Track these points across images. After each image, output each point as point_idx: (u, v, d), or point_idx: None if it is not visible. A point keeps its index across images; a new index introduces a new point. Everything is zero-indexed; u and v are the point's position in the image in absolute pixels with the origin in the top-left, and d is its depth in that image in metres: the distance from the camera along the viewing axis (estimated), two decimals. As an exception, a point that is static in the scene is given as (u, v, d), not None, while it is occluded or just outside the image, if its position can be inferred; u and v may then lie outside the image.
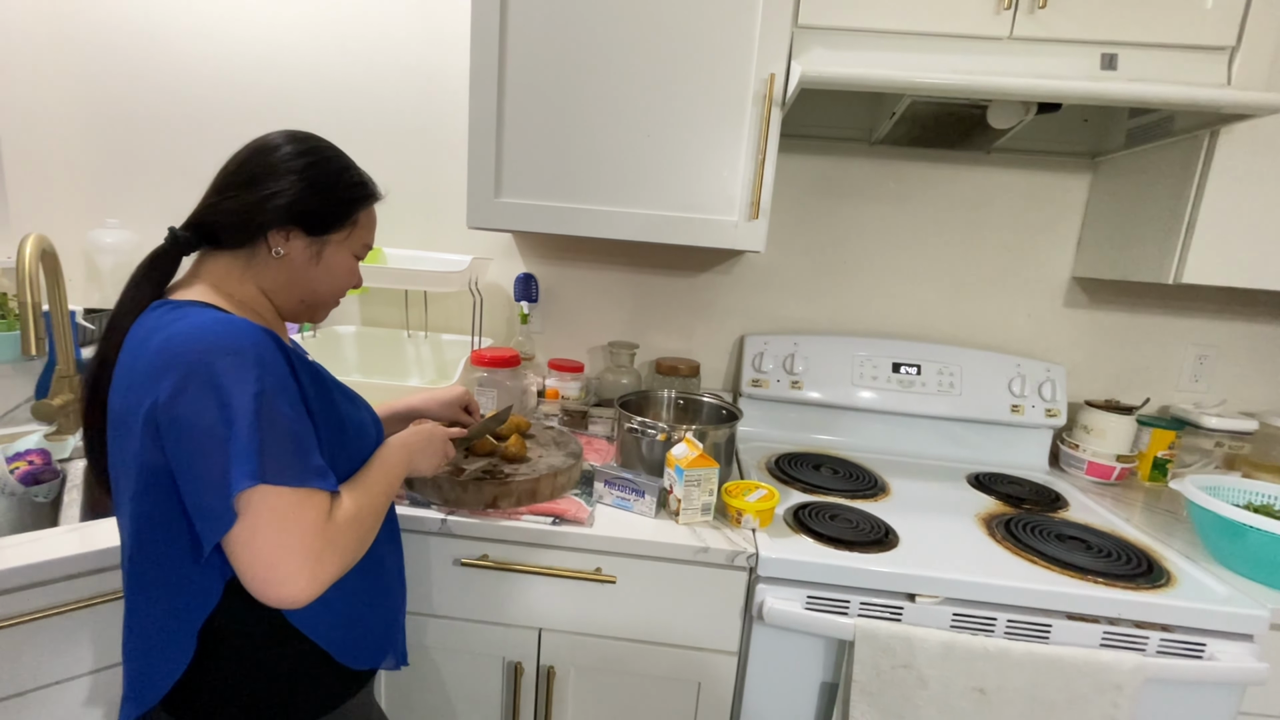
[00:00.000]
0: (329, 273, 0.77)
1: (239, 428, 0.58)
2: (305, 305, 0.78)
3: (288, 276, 0.75)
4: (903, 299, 1.57)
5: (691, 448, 1.03)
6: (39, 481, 1.08)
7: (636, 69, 1.14)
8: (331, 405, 0.73)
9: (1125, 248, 1.33)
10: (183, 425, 0.59)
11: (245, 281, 0.74)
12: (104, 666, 0.88)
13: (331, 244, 0.76)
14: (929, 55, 1.11)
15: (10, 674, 0.81)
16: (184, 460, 0.59)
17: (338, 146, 0.77)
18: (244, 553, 0.59)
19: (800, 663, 0.98)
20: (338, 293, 0.81)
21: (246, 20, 1.51)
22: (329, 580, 0.61)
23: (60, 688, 0.85)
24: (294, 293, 0.76)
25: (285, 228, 0.72)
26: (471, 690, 1.09)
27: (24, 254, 1.00)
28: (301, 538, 0.60)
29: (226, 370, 0.59)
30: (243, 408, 0.59)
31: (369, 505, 0.70)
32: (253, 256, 0.73)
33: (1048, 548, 1.02)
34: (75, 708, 0.86)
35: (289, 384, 0.64)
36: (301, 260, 0.74)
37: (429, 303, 1.61)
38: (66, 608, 0.82)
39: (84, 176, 1.58)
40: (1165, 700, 0.92)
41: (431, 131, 1.54)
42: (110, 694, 0.88)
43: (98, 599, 0.85)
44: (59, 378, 1.19)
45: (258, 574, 0.58)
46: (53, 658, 0.84)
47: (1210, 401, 1.51)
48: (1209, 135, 1.14)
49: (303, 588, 0.59)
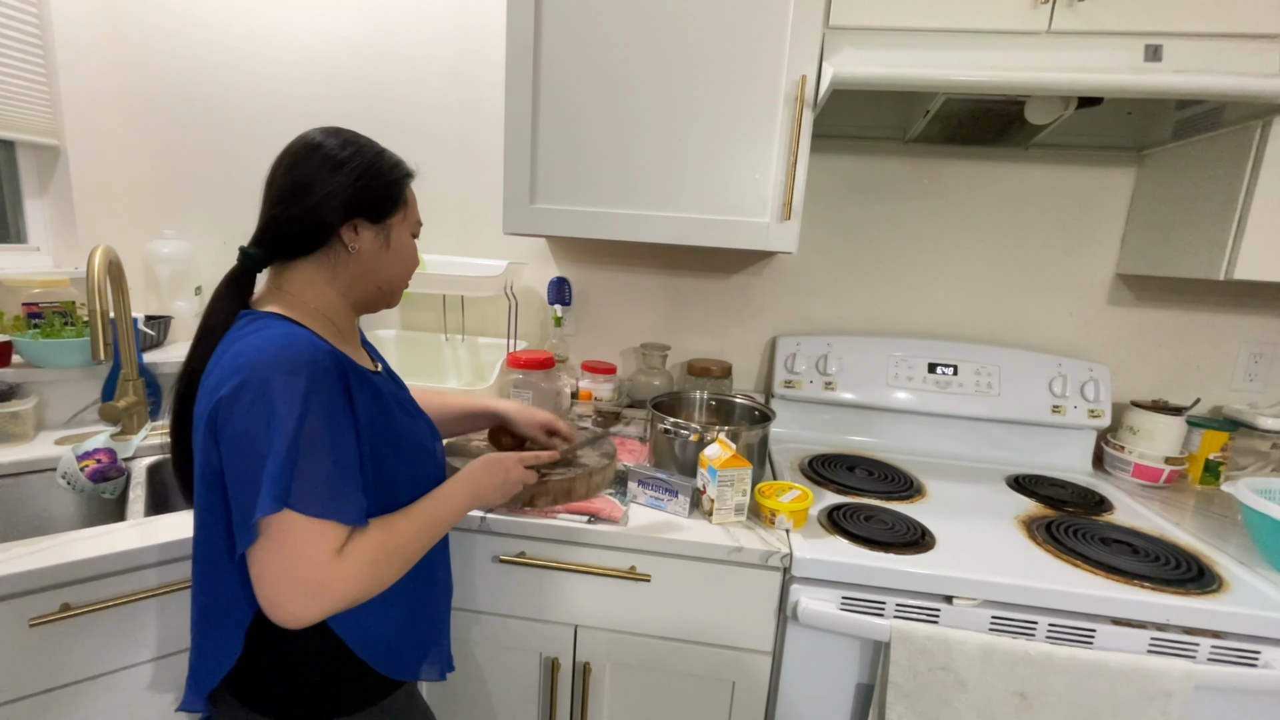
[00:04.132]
0: (399, 255, 0.79)
1: (278, 446, 0.61)
2: (382, 293, 0.81)
3: (364, 268, 0.77)
4: (938, 299, 1.54)
5: (724, 448, 1.04)
6: (106, 479, 1.14)
7: (668, 73, 1.15)
8: (389, 422, 0.75)
9: (1173, 243, 1.29)
10: (233, 431, 0.62)
11: (329, 284, 0.76)
12: (168, 653, 0.92)
13: (394, 227, 0.78)
14: (963, 52, 1.09)
15: (82, 659, 0.86)
16: (230, 466, 0.63)
17: (364, 134, 0.78)
18: (255, 570, 0.62)
19: (835, 663, 0.98)
20: (408, 275, 0.83)
21: (288, 38, 1.57)
22: (330, 610, 0.63)
23: (128, 672, 0.90)
24: (371, 282, 0.78)
25: (351, 222, 0.74)
26: (510, 685, 1.11)
27: (93, 265, 1.06)
28: (304, 569, 0.61)
29: (279, 387, 0.62)
30: (285, 427, 0.61)
31: (405, 538, 0.71)
32: (331, 258, 0.75)
33: (1091, 551, 1.00)
34: (140, 691, 0.91)
35: (337, 409, 0.66)
36: (373, 250, 0.76)
37: (466, 307, 1.65)
38: (132, 597, 0.87)
39: (143, 190, 1.66)
40: (1217, 709, 0.89)
41: (469, 139, 1.58)
42: (176, 679, 0.93)
43: (161, 590, 0.89)
44: (123, 381, 1.26)
45: (261, 593, 0.62)
46: (120, 644, 0.89)
47: (1266, 402, 1.44)
48: (1260, 126, 1.10)
49: (297, 615, 0.61)
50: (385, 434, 0.73)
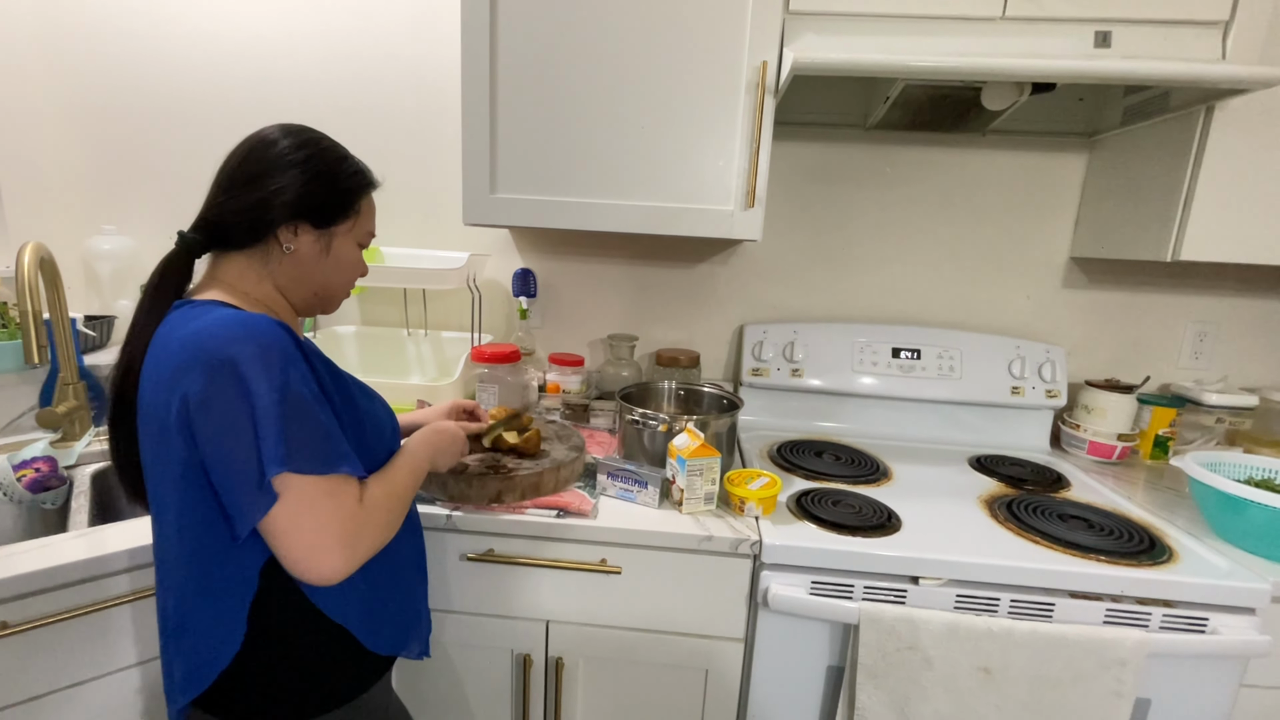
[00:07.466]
0: (338, 264, 0.78)
1: (265, 419, 0.61)
2: (319, 298, 0.79)
3: (300, 271, 0.75)
4: (901, 284, 1.56)
5: (693, 438, 1.04)
6: (46, 489, 1.09)
7: (629, 59, 1.14)
8: (349, 399, 0.75)
9: (1123, 226, 1.33)
10: (213, 419, 0.61)
11: (262, 280, 0.75)
12: (127, 665, 0.88)
13: (338, 235, 0.77)
14: (921, 38, 1.10)
15: (24, 680, 0.81)
16: (215, 453, 0.62)
17: (331, 136, 0.77)
18: (284, 536, 0.62)
19: (806, 647, 0.99)
20: (348, 284, 0.82)
21: (235, 21, 1.50)
22: (363, 558, 0.66)
23: (77, 690, 0.85)
24: (307, 286, 0.77)
25: (293, 223, 0.73)
26: (482, 683, 1.10)
27: (22, 263, 1.00)
28: (338, 520, 0.63)
29: (249, 364, 0.61)
30: (267, 398, 0.61)
31: (395, 493, 0.73)
32: (266, 255, 0.74)
33: (1050, 527, 1.03)
34: (95, 710, 0.87)
35: (310, 377, 0.66)
36: (312, 254, 0.75)
37: (428, 301, 1.61)
38: (79, 611, 0.83)
39: (78, 183, 1.58)
40: (1169, 674, 0.92)
41: (425, 128, 1.54)
42: (129, 690, 0.89)
43: (110, 602, 0.85)
44: (62, 385, 1.20)
45: (294, 555, 0.62)
46: (67, 662, 0.84)
47: (1211, 378, 1.51)
48: (1204, 111, 1.13)
49: (339, 566, 0.63)
50: (348, 412, 0.73)
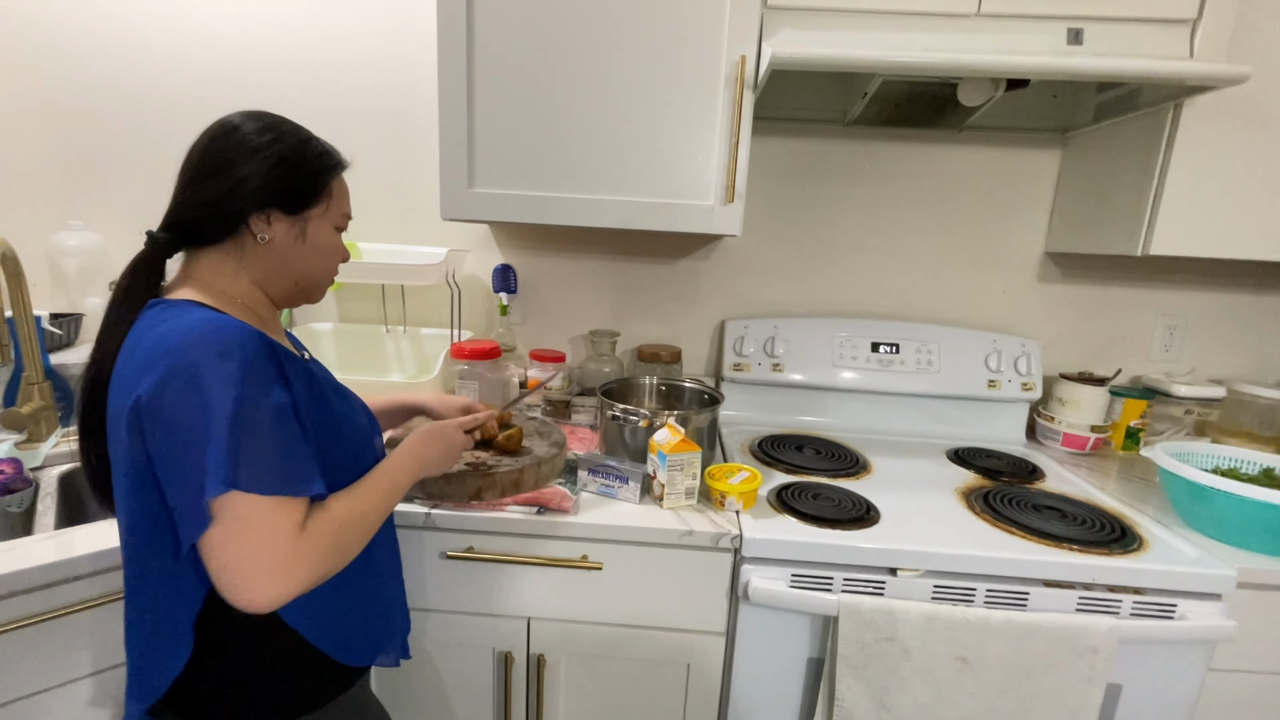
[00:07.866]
0: (316, 250, 0.76)
1: (217, 431, 0.58)
2: (300, 288, 0.77)
3: (277, 262, 0.73)
4: (880, 279, 1.58)
5: (674, 433, 1.04)
6: (11, 491, 1.06)
7: (607, 53, 1.13)
8: (325, 404, 0.72)
9: (1095, 222, 1.35)
10: (164, 423, 0.59)
11: (238, 276, 0.72)
12: (94, 671, 0.86)
13: (313, 220, 0.75)
14: (898, 34, 1.11)
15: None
16: (164, 459, 0.60)
17: (292, 120, 0.75)
18: (214, 557, 0.59)
19: (786, 640, 0.99)
20: (330, 270, 0.79)
21: (206, 14, 1.47)
22: (297, 589, 0.61)
23: (49, 695, 0.83)
24: (287, 277, 0.75)
25: (264, 211, 0.70)
26: (464, 681, 1.09)
27: (-17, 259, 0.97)
28: (269, 547, 0.59)
29: (210, 371, 0.59)
30: (223, 410, 0.58)
31: (362, 511, 0.70)
32: (240, 248, 0.71)
33: (1024, 518, 1.04)
34: (65, 715, 0.85)
35: (274, 388, 0.64)
36: (287, 242, 0.73)
37: (406, 297, 1.60)
38: (47, 615, 0.81)
39: (43, 177, 1.53)
40: (1139, 660, 0.94)
41: (402, 122, 1.52)
42: (97, 697, 0.87)
43: (81, 605, 0.83)
44: (26, 384, 1.16)
45: (224, 579, 0.59)
46: (37, 667, 0.82)
47: (1180, 370, 1.54)
48: (1173, 108, 1.16)
49: (266, 596, 0.59)
50: (322, 418, 0.71)
